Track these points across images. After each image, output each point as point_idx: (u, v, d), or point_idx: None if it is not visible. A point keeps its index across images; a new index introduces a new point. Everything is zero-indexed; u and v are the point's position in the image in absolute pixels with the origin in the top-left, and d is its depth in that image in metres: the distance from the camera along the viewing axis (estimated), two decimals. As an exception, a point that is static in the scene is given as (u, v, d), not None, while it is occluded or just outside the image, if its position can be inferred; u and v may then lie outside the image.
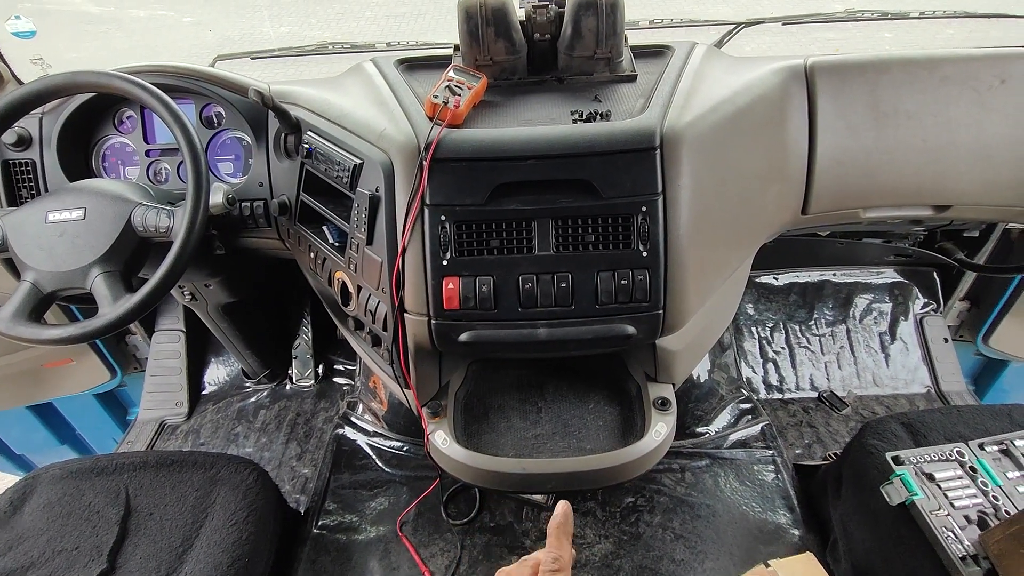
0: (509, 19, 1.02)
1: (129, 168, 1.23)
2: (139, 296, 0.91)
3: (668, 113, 0.91)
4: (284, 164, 1.13)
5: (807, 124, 1.09)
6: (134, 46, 5.70)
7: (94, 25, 6.14)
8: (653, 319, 0.91)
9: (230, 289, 1.37)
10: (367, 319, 1.01)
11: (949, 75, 1.10)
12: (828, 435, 1.54)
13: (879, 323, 1.76)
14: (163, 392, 1.69)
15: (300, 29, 5.99)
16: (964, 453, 0.98)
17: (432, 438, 0.96)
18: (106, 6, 6.65)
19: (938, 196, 1.16)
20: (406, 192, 0.89)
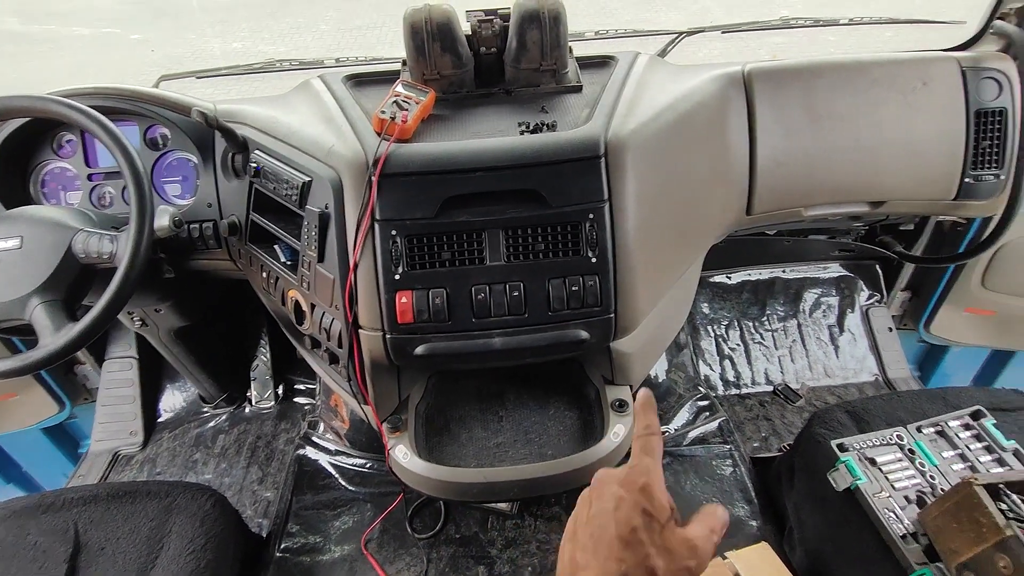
0: (455, 33, 1.04)
1: (70, 193, 1.19)
2: (82, 325, 0.88)
3: (612, 122, 0.94)
4: (233, 184, 1.11)
5: (747, 128, 1.13)
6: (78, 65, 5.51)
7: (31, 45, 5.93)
8: (605, 323, 0.93)
9: (182, 313, 1.34)
10: (322, 337, 1.00)
11: (877, 78, 1.16)
12: (784, 427, 1.59)
13: (828, 316, 1.83)
14: (116, 422, 1.63)
15: (253, 44, 5.89)
16: (903, 436, 1.03)
17: (393, 453, 0.96)
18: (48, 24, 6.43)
19: (873, 193, 1.22)
20: (356, 208, 0.89)
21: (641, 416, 0.64)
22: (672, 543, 0.55)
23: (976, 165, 1.20)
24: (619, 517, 0.55)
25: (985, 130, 1.18)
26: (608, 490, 0.58)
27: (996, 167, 1.20)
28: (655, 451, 0.61)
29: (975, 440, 1.04)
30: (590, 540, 0.56)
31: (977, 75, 1.17)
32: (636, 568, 0.53)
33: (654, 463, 0.60)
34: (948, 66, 1.17)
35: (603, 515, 0.56)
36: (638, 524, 0.55)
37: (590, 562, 0.55)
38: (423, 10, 1.03)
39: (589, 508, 0.59)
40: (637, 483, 0.58)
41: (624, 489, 0.57)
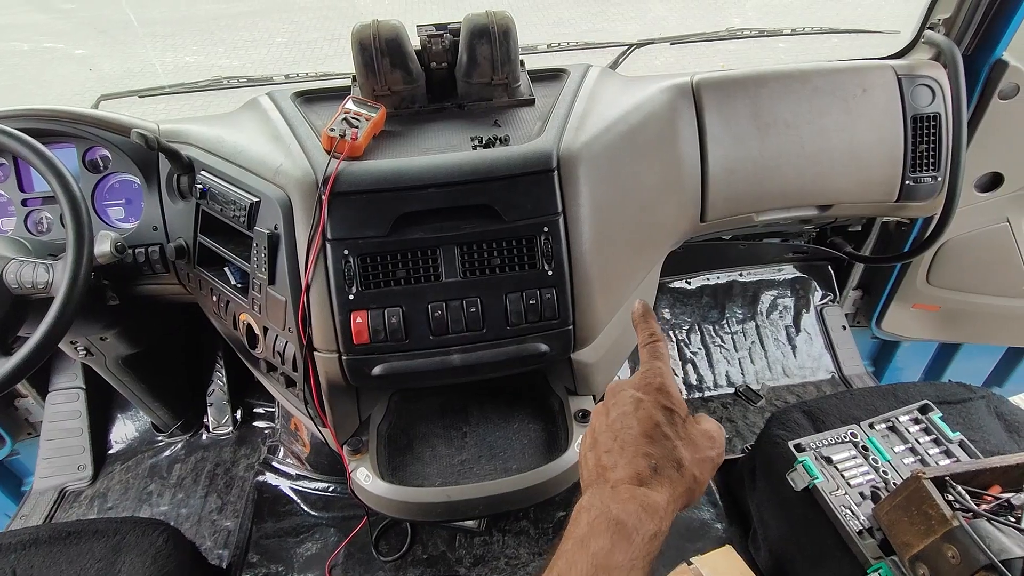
0: (404, 49, 1.03)
1: (3, 219, 1.13)
2: (16, 360, 0.84)
3: (564, 135, 0.94)
4: (179, 206, 1.08)
5: (697, 137, 1.16)
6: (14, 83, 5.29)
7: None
8: (564, 335, 0.93)
9: (130, 340, 1.29)
10: (276, 360, 0.98)
11: (819, 86, 1.21)
12: (746, 428, 1.62)
13: (784, 317, 1.88)
14: (62, 456, 1.55)
15: (207, 59, 5.76)
16: (857, 434, 1.06)
17: (354, 476, 0.94)
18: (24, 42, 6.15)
19: (820, 196, 1.26)
20: (306, 228, 0.87)
21: (643, 325, 0.66)
22: (693, 434, 0.58)
23: (915, 168, 1.25)
24: (641, 416, 0.57)
25: (921, 134, 1.24)
26: (625, 395, 0.60)
27: (933, 169, 1.26)
28: (663, 355, 0.63)
29: (924, 433, 1.07)
30: (615, 442, 0.57)
31: (912, 82, 1.23)
32: (664, 460, 0.55)
33: (664, 365, 0.62)
34: (885, 74, 1.22)
35: (625, 417, 0.58)
36: (660, 420, 0.57)
37: (617, 461, 0.56)
38: (371, 26, 1.02)
39: (608, 415, 0.60)
40: (653, 384, 0.60)
41: (641, 391, 0.59)
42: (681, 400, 0.60)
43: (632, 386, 0.61)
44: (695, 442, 0.57)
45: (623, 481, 0.54)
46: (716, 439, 0.60)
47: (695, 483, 0.56)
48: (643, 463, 0.55)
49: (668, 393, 0.59)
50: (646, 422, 0.57)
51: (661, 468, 0.54)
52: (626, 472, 0.54)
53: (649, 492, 0.53)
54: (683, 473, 0.55)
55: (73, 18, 6.83)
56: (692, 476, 0.55)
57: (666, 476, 0.54)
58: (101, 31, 6.50)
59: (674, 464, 0.55)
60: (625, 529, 0.50)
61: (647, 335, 0.65)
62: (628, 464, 0.55)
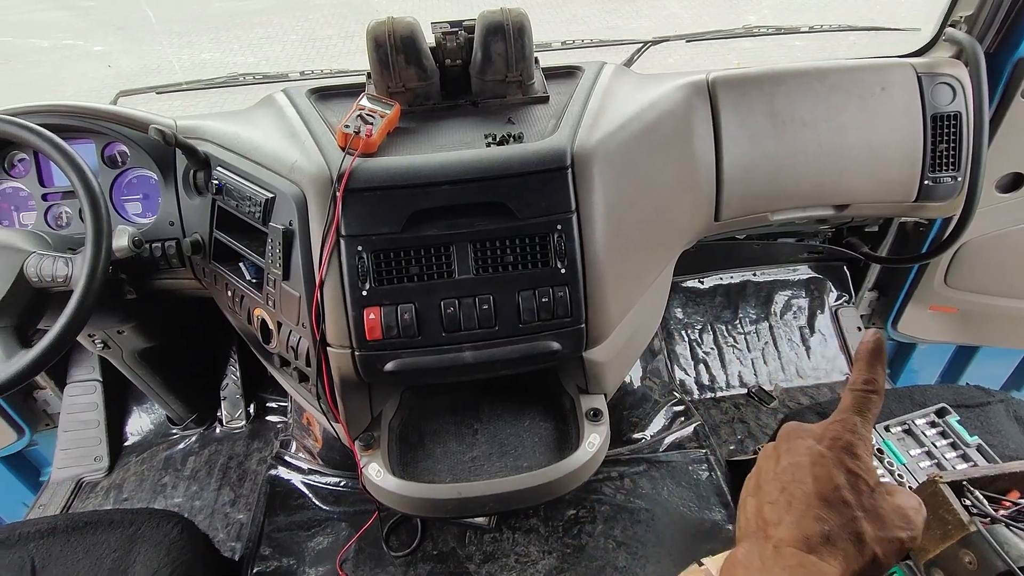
0: (419, 46, 1.03)
1: (24, 214, 1.15)
2: (36, 352, 0.85)
3: (578, 132, 0.94)
4: (195, 201, 1.09)
5: (712, 136, 1.15)
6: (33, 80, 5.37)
7: (-8, 59, 5.77)
8: (576, 334, 0.93)
9: (146, 334, 1.30)
10: (290, 355, 0.99)
11: (837, 84, 1.19)
12: (759, 428, 1.61)
13: (798, 317, 1.86)
14: (79, 448, 1.57)
15: (223, 56, 5.81)
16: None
17: (366, 471, 0.94)
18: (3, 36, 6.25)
19: (837, 196, 1.25)
20: (321, 224, 0.87)
21: (864, 367, 0.53)
22: (882, 508, 0.49)
23: (934, 168, 1.23)
24: (818, 472, 0.50)
25: (941, 134, 1.22)
26: (801, 444, 0.52)
27: (953, 169, 1.24)
28: (870, 411, 0.52)
29: (941, 437, 1.06)
30: (781, 495, 0.50)
31: (932, 80, 1.21)
32: (841, 529, 0.48)
33: (864, 423, 0.51)
34: (905, 72, 1.20)
35: (798, 469, 0.50)
36: (842, 483, 0.49)
37: (783, 517, 0.49)
38: (386, 23, 1.02)
39: (777, 462, 0.52)
40: (841, 440, 0.50)
41: (824, 444, 0.51)
42: (871, 467, 0.51)
43: (814, 436, 0.52)
44: (882, 517, 0.49)
45: (788, 543, 0.47)
46: (912, 519, 0.50)
47: (873, 566, 0.48)
48: (814, 527, 0.47)
49: (856, 455, 0.50)
50: (824, 481, 0.49)
51: (835, 538, 0.47)
52: (792, 533, 0.47)
53: (820, 564, 0.46)
54: (862, 550, 0.47)
55: (92, 15, 6.92)
56: (872, 555, 0.47)
57: (840, 549, 0.47)
58: (119, 28, 6.58)
59: (852, 537, 0.47)
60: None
61: (863, 381, 0.53)
62: (795, 524, 0.48)
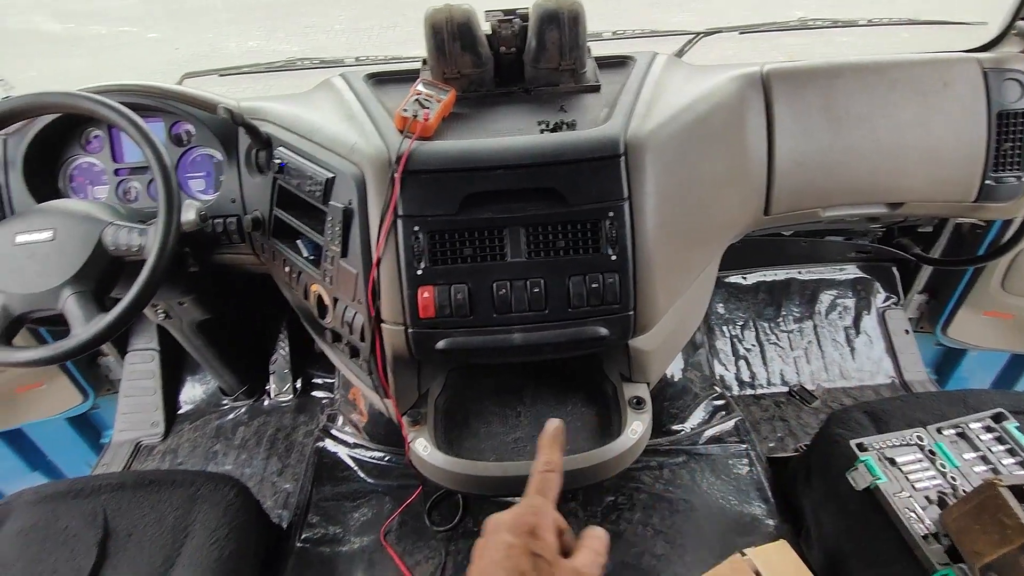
0: (475, 33, 1.05)
1: (97, 188, 1.22)
2: (112, 315, 0.91)
3: (631, 121, 0.94)
4: (256, 180, 1.13)
5: (765, 129, 1.13)
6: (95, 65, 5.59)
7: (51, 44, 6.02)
8: (624, 320, 0.94)
9: (204, 306, 1.36)
10: (344, 331, 1.02)
11: (897, 79, 1.16)
12: (799, 427, 1.58)
13: (844, 318, 1.83)
14: (138, 413, 1.66)
15: (268, 44, 5.94)
16: (923, 437, 1.03)
17: (413, 446, 0.97)
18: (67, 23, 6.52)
19: (891, 194, 1.22)
20: (379, 204, 0.90)
21: (545, 450, 0.65)
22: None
23: (997, 167, 1.19)
24: (508, 566, 0.57)
25: (1007, 132, 1.17)
26: (497, 539, 0.59)
27: (1018, 169, 1.20)
28: (550, 490, 0.62)
29: (997, 443, 1.03)
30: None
31: (999, 76, 1.17)
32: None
33: (545, 503, 0.61)
34: (969, 67, 1.17)
35: (492, 566, 0.57)
36: (526, 568, 0.56)
37: None
38: (444, 10, 1.04)
39: (481, 559, 0.59)
40: (526, 526, 0.59)
41: (512, 535, 0.58)
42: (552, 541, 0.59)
43: (506, 528, 0.60)
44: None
45: None
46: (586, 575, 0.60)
47: None
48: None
49: (539, 536, 0.58)
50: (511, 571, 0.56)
51: None
52: None
53: None
54: None
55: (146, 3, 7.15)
56: None
57: None
58: (172, 14, 6.79)
59: None
60: None
61: (544, 462, 0.64)
62: None
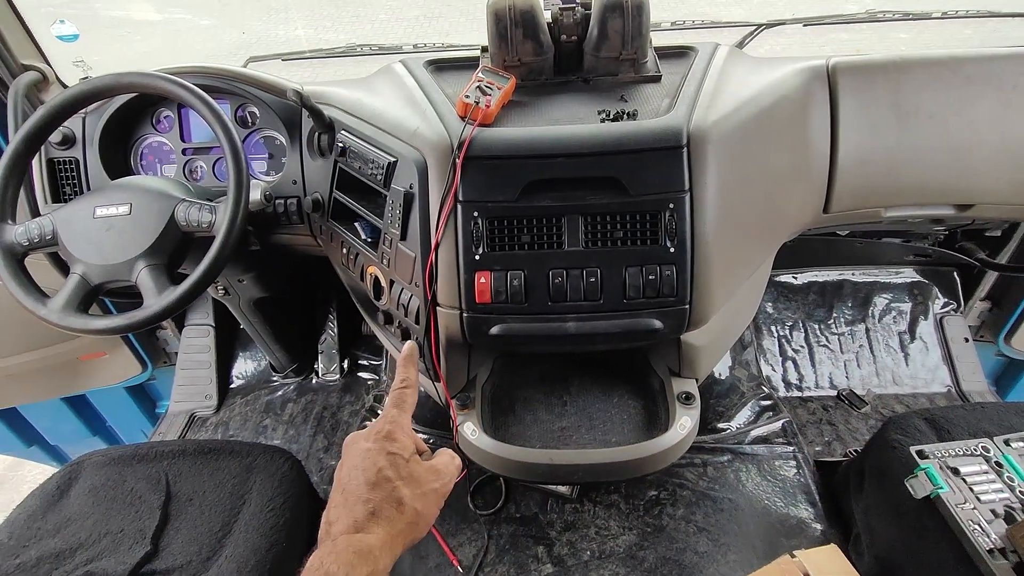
0: (537, 21, 1.05)
1: (166, 166, 1.27)
2: (183, 288, 0.95)
3: (694, 112, 0.93)
4: (317, 162, 1.16)
5: (829, 124, 1.10)
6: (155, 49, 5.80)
7: (115, 29, 6.26)
8: (679, 314, 0.93)
9: (262, 284, 1.41)
10: (399, 313, 1.04)
11: (973, 74, 1.11)
12: (848, 432, 1.54)
13: (898, 322, 1.77)
14: (193, 385, 1.73)
15: (315, 32, 6.06)
16: (989, 448, 0.99)
17: (461, 429, 0.98)
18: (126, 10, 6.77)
19: (961, 195, 1.17)
20: (439, 189, 0.91)
21: (401, 369, 0.70)
22: (417, 471, 0.62)
23: (1079, 170, 1.13)
24: (366, 465, 0.61)
25: None
26: (356, 448, 0.63)
27: (1101, 173, 1.13)
28: (405, 403, 0.67)
29: (1068, 457, 0.98)
30: (341, 496, 0.60)
31: (1087, 74, 1.10)
32: (383, 502, 0.59)
33: (400, 413, 0.66)
34: None
35: (353, 470, 0.61)
36: (383, 464, 0.61)
37: (341, 514, 0.58)
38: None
39: (341, 470, 0.63)
40: (382, 432, 0.63)
41: (369, 442, 0.63)
42: (407, 442, 0.64)
43: (363, 438, 0.64)
44: (417, 479, 0.62)
45: (342, 532, 0.57)
46: (441, 471, 0.64)
47: (417, 516, 0.60)
48: (361, 510, 0.58)
49: (394, 439, 0.63)
50: (370, 471, 0.60)
51: (379, 511, 0.58)
52: (345, 523, 0.57)
53: (364, 537, 0.56)
54: (402, 510, 0.59)
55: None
56: (414, 510, 0.60)
57: (384, 517, 0.58)
58: (224, 4, 6.97)
59: (393, 504, 0.59)
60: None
61: (401, 380, 0.69)
62: (348, 514, 0.58)
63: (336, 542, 0.56)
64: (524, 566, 1.18)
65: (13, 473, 2.41)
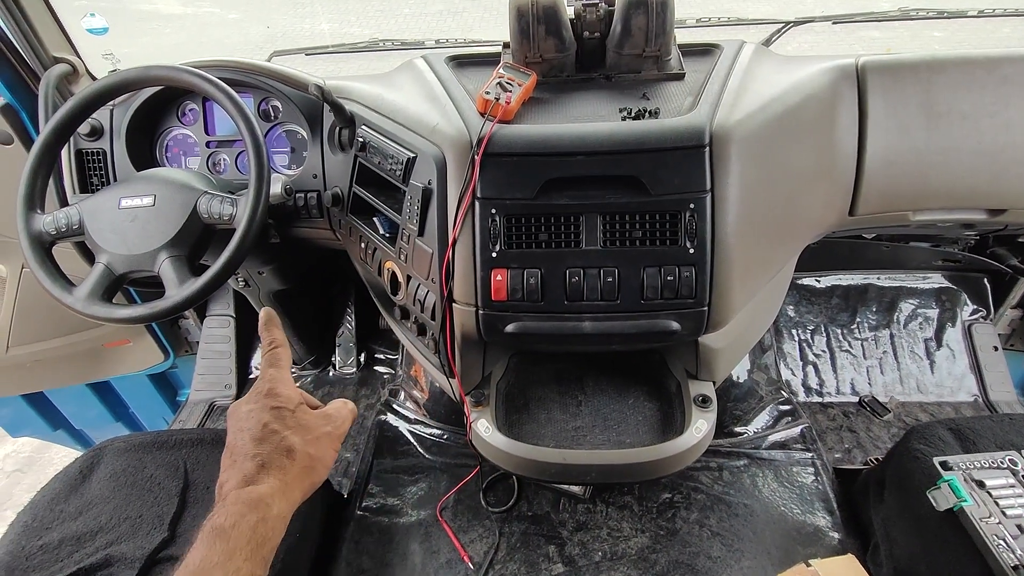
0: (559, 17, 1.04)
1: (190, 158, 1.29)
2: (204, 279, 0.96)
3: (718, 111, 0.91)
4: (338, 157, 1.16)
5: (857, 124, 1.08)
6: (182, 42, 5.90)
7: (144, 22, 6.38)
8: (698, 316, 0.92)
9: (282, 277, 1.42)
10: (415, 308, 1.04)
11: (1009, 75, 1.08)
12: (869, 440, 1.51)
13: (924, 329, 1.72)
14: (213, 374, 1.76)
15: (340, 27, 6.10)
16: (1017, 461, 0.96)
17: (475, 426, 0.98)
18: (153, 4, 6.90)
19: (993, 199, 1.14)
20: (458, 185, 0.91)
21: (265, 333, 0.72)
22: (305, 419, 0.64)
23: (1119, 176, 1.09)
24: (251, 424, 0.62)
25: None
26: (239, 411, 0.64)
27: None
28: (280, 361, 0.69)
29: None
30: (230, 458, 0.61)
31: None
32: (272, 454, 0.60)
33: (278, 371, 0.67)
34: None
35: (239, 432, 0.62)
36: (267, 419, 0.62)
37: (230, 475, 0.59)
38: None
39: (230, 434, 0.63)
40: (263, 391, 0.64)
41: (252, 402, 0.64)
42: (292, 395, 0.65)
43: (245, 401, 0.64)
44: (306, 426, 0.63)
45: (232, 489, 0.57)
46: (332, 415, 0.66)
47: (312, 460, 0.62)
48: (250, 465, 0.58)
49: (276, 394, 0.64)
50: (255, 428, 0.61)
51: (268, 462, 0.59)
52: (235, 481, 0.58)
53: (254, 488, 0.57)
54: (293, 457, 0.60)
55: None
56: (306, 455, 0.61)
57: (275, 467, 0.59)
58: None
59: (283, 453, 0.60)
60: (221, 530, 0.54)
61: (268, 343, 0.70)
62: (237, 472, 0.59)
63: (226, 500, 0.57)
64: (535, 565, 1.18)
65: (40, 456, 2.48)
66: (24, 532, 0.96)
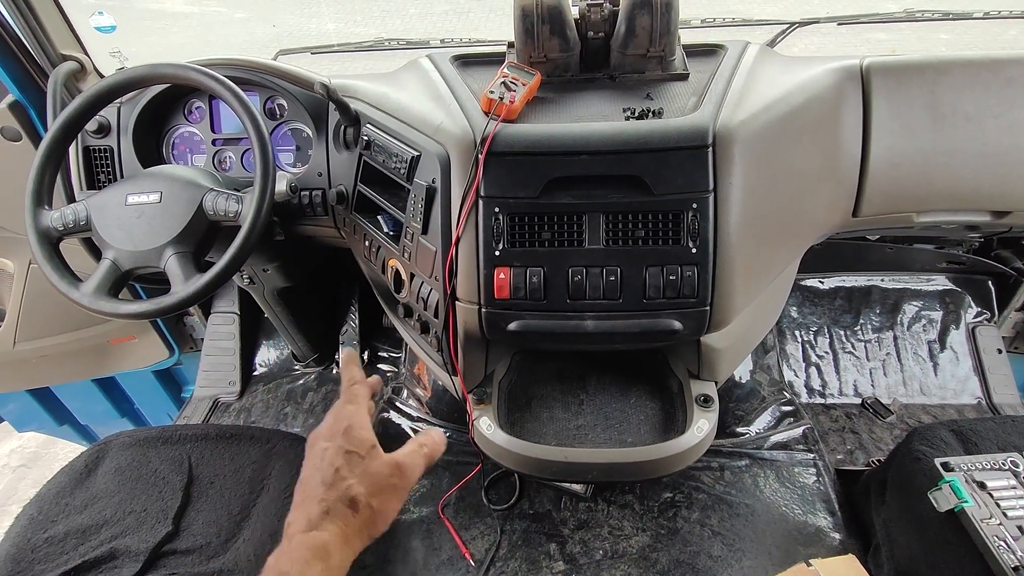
0: (564, 17, 1.04)
1: (196, 156, 1.29)
2: (208, 276, 0.97)
3: (721, 111, 0.92)
4: (342, 155, 1.17)
5: (861, 125, 1.08)
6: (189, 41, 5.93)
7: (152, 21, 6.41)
8: (700, 315, 0.92)
9: (286, 274, 1.43)
10: (418, 306, 1.04)
11: (1014, 77, 1.08)
12: (871, 442, 1.51)
13: (928, 331, 1.72)
14: (217, 371, 1.77)
15: (346, 26, 6.13)
16: (1019, 463, 0.96)
17: (477, 424, 0.99)
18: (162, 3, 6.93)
19: (998, 201, 1.14)
20: (461, 184, 0.91)
21: (345, 371, 0.74)
22: (374, 468, 0.62)
23: (1125, 178, 1.09)
24: (324, 465, 0.61)
25: None
26: (316, 448, 0.64)
27: None
28: (359, 398, 0.69)
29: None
30: (300, 496, 0.61)
31: None
32: (336, 501, 0.59)
33: (356, 408, 0.68)
34: None
35: (313, 471, 0.62)
36: (340, 464, 0.61)
37: (298, 515, 0.59)
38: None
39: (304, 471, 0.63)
40: (339, 429, 0.64)
41: (327, 439, 0.63)
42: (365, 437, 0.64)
43: (323, 436, 0.64)
44: (374, 475, 0.62)
45: (296, 532, 0.57)
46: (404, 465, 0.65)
47: (374, 514, 0.61)
48: (316, 509, 0.58)
49: (351, 435, 0.63)
50: (327, 470, 0.60)
51: (333, 509, 0.59)
52: (301, 523, 0.58)
53: (318, 534, 0.57)
54: (357, 508, 0.60)
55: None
56: (369, 508, 0.60)
57: (339, 515, 0.59)
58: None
59: (347, 503, 0.59)
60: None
61: (348, 379, 0.72)
62: (303, 514, 0.59)
63: (291, 541, 0.57)
64: (536, 562, 1.18)
65: (46, 451, 2.50)
66: (30, 525, 0.97)
